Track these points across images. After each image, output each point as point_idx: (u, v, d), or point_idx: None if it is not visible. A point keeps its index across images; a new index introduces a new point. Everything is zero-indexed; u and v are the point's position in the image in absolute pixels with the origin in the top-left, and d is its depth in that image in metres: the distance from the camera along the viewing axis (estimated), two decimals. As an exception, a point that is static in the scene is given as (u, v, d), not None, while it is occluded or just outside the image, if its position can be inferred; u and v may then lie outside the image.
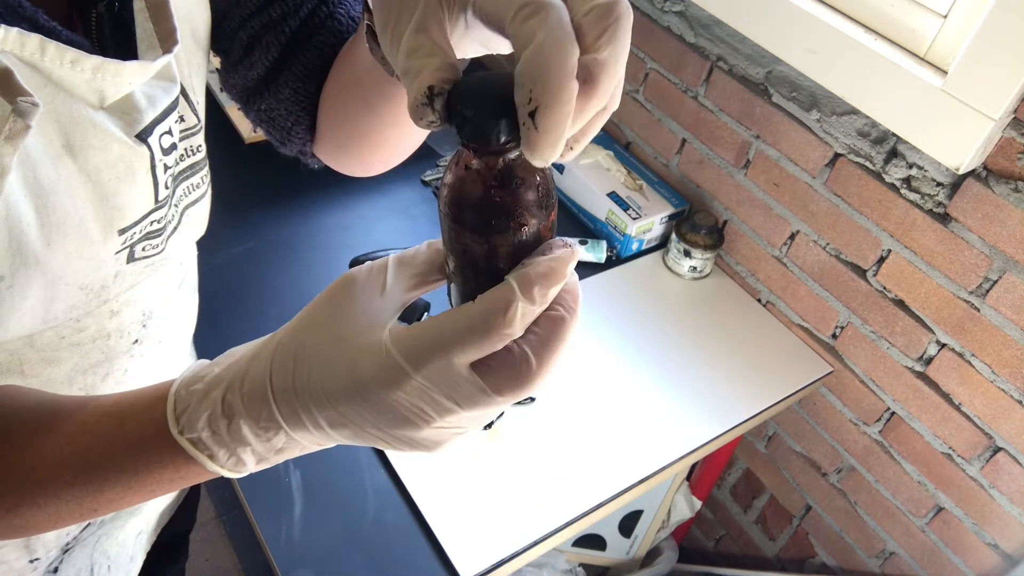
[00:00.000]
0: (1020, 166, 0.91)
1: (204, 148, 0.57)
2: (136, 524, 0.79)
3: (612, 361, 1.12)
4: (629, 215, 1.26)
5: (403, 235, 1.24)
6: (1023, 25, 0.82)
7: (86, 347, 0.55)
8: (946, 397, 1.08)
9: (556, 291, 0.35)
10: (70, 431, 0.43)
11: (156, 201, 0.51)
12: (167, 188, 0.52)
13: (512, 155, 0.33)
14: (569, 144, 0.34)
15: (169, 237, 0.55)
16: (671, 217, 1.30)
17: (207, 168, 0.59)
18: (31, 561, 0.65)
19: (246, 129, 1.28)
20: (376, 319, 0.37)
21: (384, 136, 0.60)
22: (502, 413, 1.01)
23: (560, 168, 1.35)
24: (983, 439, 1.05)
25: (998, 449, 1.04)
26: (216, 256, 1.15)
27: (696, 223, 1.24)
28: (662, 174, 1.39)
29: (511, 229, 0.34)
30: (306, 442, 0.39)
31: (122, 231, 0.49)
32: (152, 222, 0.52)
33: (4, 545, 0.62)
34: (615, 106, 0.34)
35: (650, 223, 1.27)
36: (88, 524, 0.69)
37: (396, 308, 0.38)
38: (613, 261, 1.28)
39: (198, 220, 0.60)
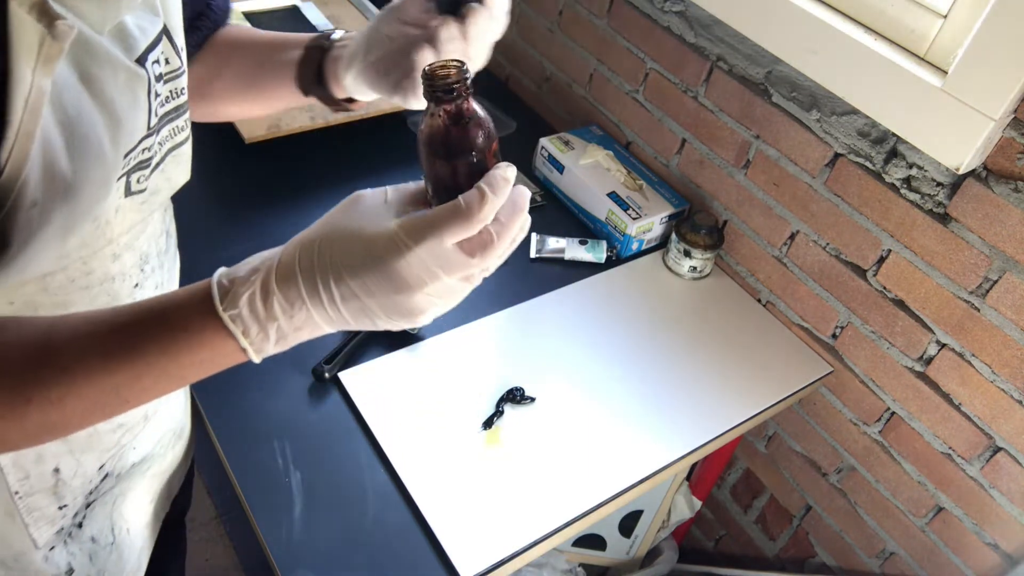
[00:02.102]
0: (1020, 166, 0.91)
1: (186, 93, 0.61)
2: (149, 486, 0.83)
3: (612, 361, 1.12)
4: (629, 215, 1.26)
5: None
6: (1023, 25, 0.82)
7: (94, 290, 0.59)
8: (946, 397, 1.08)
9: (509, 189, 0.49)
10: (112, 325, 0.49)
11: (148, 127, 0.56)
12: (156, 116, 0.57)
13: (458, 103, 0.49)
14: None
15: (152, 171, 0.59)
16: (671, 217, 1.30)
17: (188, 113, 0.63)
18: (60, 508, 0.69)
19: (246, 129, 1.28)
20: (383, 216, 0.49)
21: (253, 109, 0.78)
22: (502, 412, 1.01)
23: (560, 168, 1.35)
24: (983, 439, 1.05)
25: (998, 449, 1.04)
26: (216, 256, 1.15)
27: (696, 223, 1.24)
28: (662, 174, 1.39)
29: (465, 154, 0.49)
30: (319, 318, 0.49)
31: (125, 154, 0.54)
32: (143, 150, 0.56)
33: (34, 492, 0.66)
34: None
35: (650, 223, 1.27)
36: (106, 476, 0.74)
37: (396, 214, 0.50)
38: (613, 261, 1.28)
39: (181, 164, 0.64)
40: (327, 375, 1.01)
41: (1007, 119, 0.88)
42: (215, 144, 1.33)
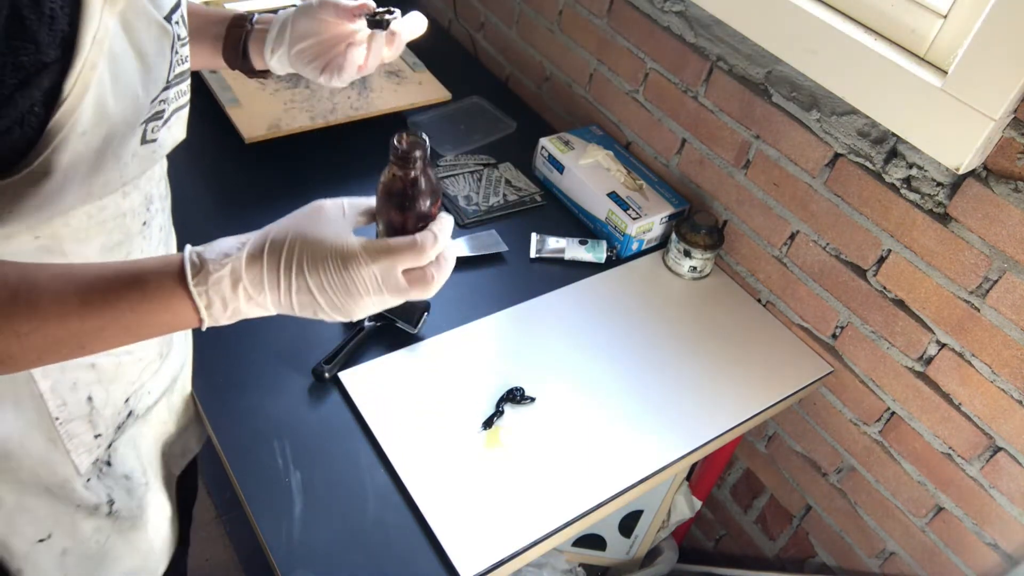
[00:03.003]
0: (1020, 166, 0.91)
1: (189, 60, 0.69)
2: (159, 433, 0.93)
3: (612, 361, 1.12)
4: (629, 215, 1.26)
5: (403, 235, 1.24)
6: (1023, 25, 0.82)
7: (108, 225, 0.66)
8: (946, 397, 1.08)
9: (450, 233, 0.62)
10: (91, 278, 0.55)
11: (167, 80, 0.63)
12: (174, 72, 0.64)
13: (418, 169, 0.62)
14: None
15: (163, 125, 0.66)
16: (671, 217, 1.30)
17: (189, 78, 0.70)
18: (95, 436, 0.78)
19: (246, 129, 1.28)
20: (344, 229, 0.60)
21: None
22: (502, 412, 1.01)
23: (560, 168, 1.35)
24: (983, 439, 1.05)
25: (998, 449, 1.04)
26: (216, 256, 1.15)
27: (696, 223, 1.24)
28: (662, 174, 1.39)
29: (417, 208, 0.63)
30: (271, 303, 0.58)
31: (151, 101, 0.61)
32: (160, 101, 0.63)
33: (73, 419, 0.74)
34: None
35: (650, 223, 1.27)
36: (130, 413, 0.83)
37: (352, 227, 0.61)
38: (613, 261, 1.28)
39: (181, 123, 0.71)
40: (327, 375, 1.01)
41: (1007, 119, 0.88)
42: (215, 144, 1.33)
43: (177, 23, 0.63)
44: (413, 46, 1.61)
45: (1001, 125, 0.88)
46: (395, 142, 0.61)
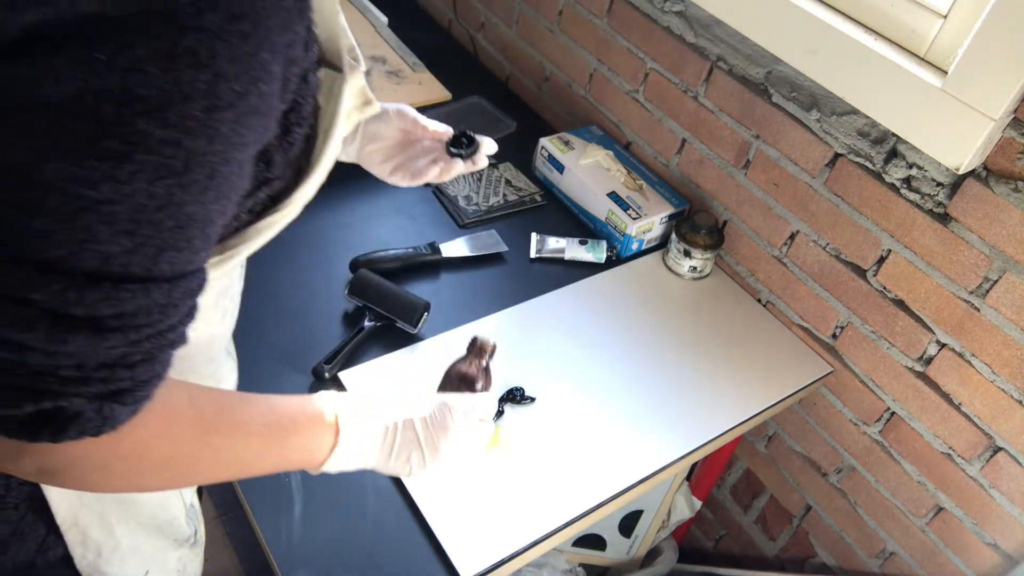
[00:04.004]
0: (1020, 166, 0.91)
1: None
2: None
3: (612, 361, 1.12)
4: (629, 215, 1.26)
5: (404, 235, 1.24)
6: (1023, 25, 0.82)
7: (222, 270, 0.68)
8: (946, 397, 1.08)
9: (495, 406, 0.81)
10: (271, 405, 0.62)
11: None
12: None
13: (488, 363, 0.88)
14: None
15: None
16: (671, 217, 1.30)
17: None
18: None
19: (246, 129, 1.27)
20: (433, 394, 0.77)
21: None
22: (502, 412, 1.01)
23: (560, 168, 1.35)
24: (983, 439, 1.05)
25: (998, 449, 1.04)
26: (216, 256, 1.15)
27: (696, 223, 1.24)
28: (662, 174, 1.39)
29: (481, 386, 0.86)
30: (376, 438, 0.68)
31: None
32: None
33: None
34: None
35: (650, 223, 1.27)
36: None
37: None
38: (613, 261, 1.28)
39: None
40: (327, 375, 1.01)
41: (1007, 119, 0.88)
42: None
43: None
44: (413, 46, 1.61)
45: (1001, 125, 0.88)
46: (475, 343, 0.87)
